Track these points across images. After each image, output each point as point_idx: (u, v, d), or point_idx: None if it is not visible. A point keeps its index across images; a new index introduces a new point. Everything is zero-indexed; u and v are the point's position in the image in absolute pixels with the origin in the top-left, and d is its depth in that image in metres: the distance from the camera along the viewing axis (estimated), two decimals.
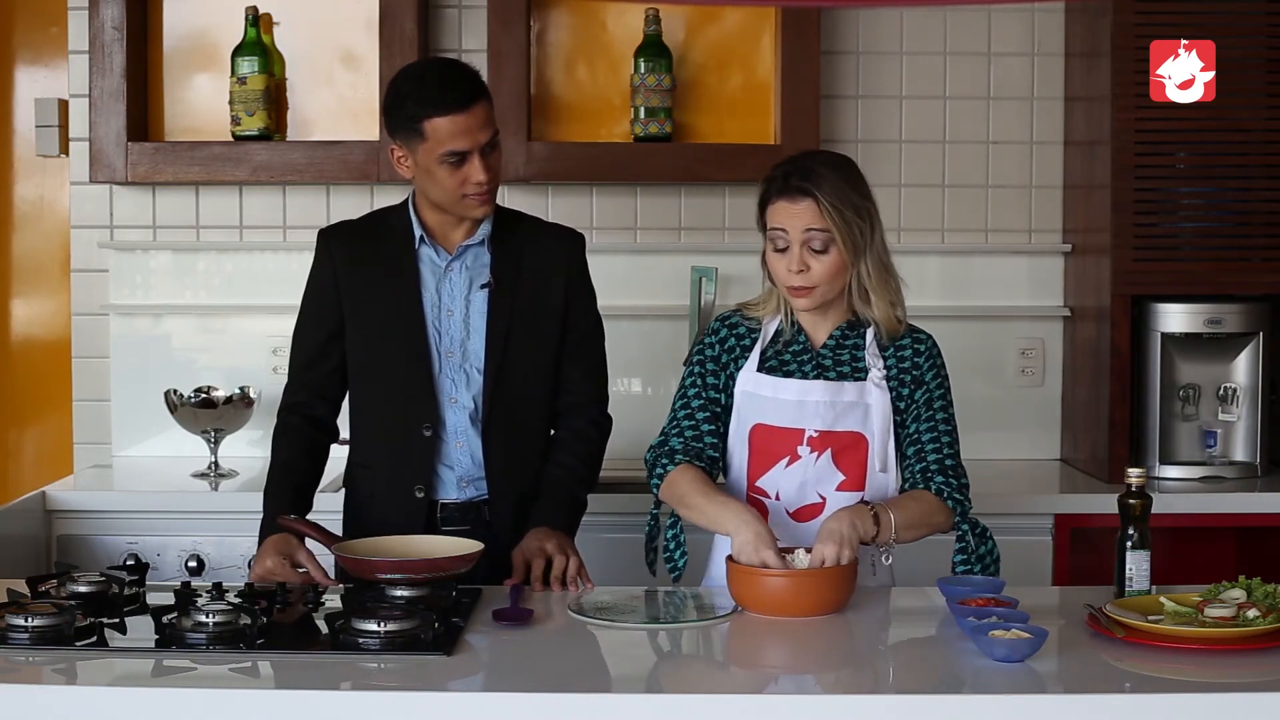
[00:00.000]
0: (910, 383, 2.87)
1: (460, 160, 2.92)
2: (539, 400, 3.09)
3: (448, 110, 2.90)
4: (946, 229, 4.32)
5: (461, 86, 2.95)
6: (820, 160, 2.87)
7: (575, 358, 3.10)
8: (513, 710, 2.20)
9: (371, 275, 3.05)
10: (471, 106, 2.92)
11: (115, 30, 4.06)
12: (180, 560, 3.67)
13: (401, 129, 2.96)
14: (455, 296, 3.04)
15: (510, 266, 3.05)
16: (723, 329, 2.95)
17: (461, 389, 3.02)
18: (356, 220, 3.19)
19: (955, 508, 2.82)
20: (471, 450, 3.02)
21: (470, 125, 2.92)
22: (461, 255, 3.04)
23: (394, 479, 3.03)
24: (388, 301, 3.03)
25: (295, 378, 3.12)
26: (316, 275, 3.11)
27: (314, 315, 3.10)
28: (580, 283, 3.13)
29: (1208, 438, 4.02)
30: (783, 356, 2.89)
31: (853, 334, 2.89)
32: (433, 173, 2.94)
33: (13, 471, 4.56)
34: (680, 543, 2.90)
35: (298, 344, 3.13)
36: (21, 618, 2.41)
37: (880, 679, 2.43)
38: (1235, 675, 2.30)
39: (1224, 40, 3.70)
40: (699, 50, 4.27)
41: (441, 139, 2.91)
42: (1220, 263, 3.95)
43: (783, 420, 2.85)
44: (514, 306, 3.03)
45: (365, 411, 3.10)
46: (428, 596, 2.61)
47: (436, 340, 3.03)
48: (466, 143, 2.92)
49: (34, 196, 4.51)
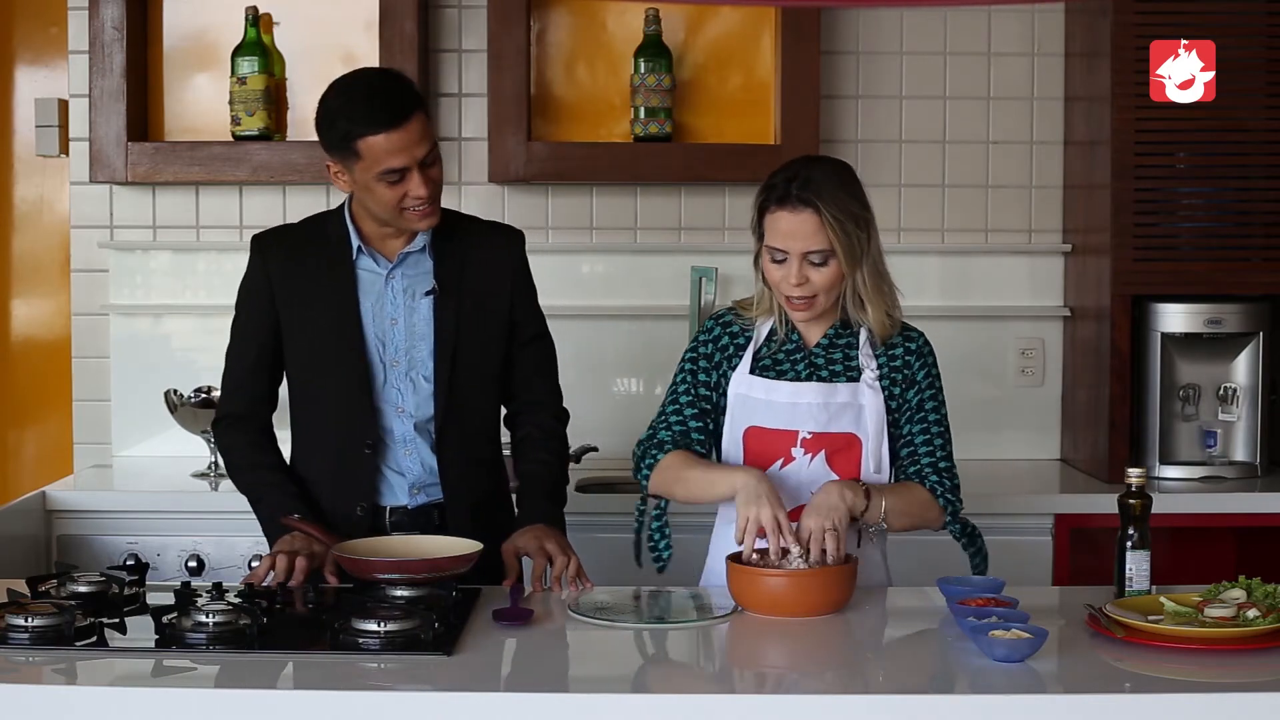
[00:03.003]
0: (902, 382, 2.87)
1: (400, 177, 2.84)
2: (490, 403, 3.07)
3: (381, 128, 2.80)
4: (946, 229, 4.32)
5: (394, 101, 2.83)
6: (821, 169, 2.85)
7: (528, 357, 3.07)
8: (513, 710, 2.20)
9: (308, 284, 2.98)
10: (406, 122, 2.81)
11: (115, 30, 4.06)
12: (180, 560, 3.67)
13: (335, 147, 2.86)
14: (398, 305, 2.97)
15: (453, 271, 2.99)
16: (716, 327, 2.94)
17: (408, 397, 2.97)
18: (293, 225, 3.12)
19: (947, 507, 2.84)
20: (422, 457, 2.99)
21: (406, 141, 2.82)
22: (402, 263, 2.97)
23: (336, 495, 2.97)
24: (325, 313, 2.96)
25: (235, 388, 3.05)
26: (250, 282, 3.03)
27: (250, 323, 3.02)
28: (524, 281, 3.08)
29: (1208, 438, 4.02)
30: (776, 356, 2.89)
31: (846, 333, 2.88)
32: (371, 189, 2.86)
33: (13, 471, 4.56)
34: (665, 534, 2.89)
35: (234, 355, 3.05)
36: (21, 618, 2.41)
37: (880, 679, 2.42)
38: (1235, 675, 2.30)
39: (1224, 40, 3.69)
40: (699, 50, 4.27)
41: (378, 157, 2.82)
42: (1220, 263, 3.95)
43: (776, 422, 2.85)
44: (460, 312, 2.98)
45: (306, 426, 3.04)
46: (428, 596, 2.61)
47: (380, 350, 2.97)
48: (404, 159, 2.82)
49: (34, 196, 4.51)
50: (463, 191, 4.21)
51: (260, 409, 3.05)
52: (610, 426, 4.13)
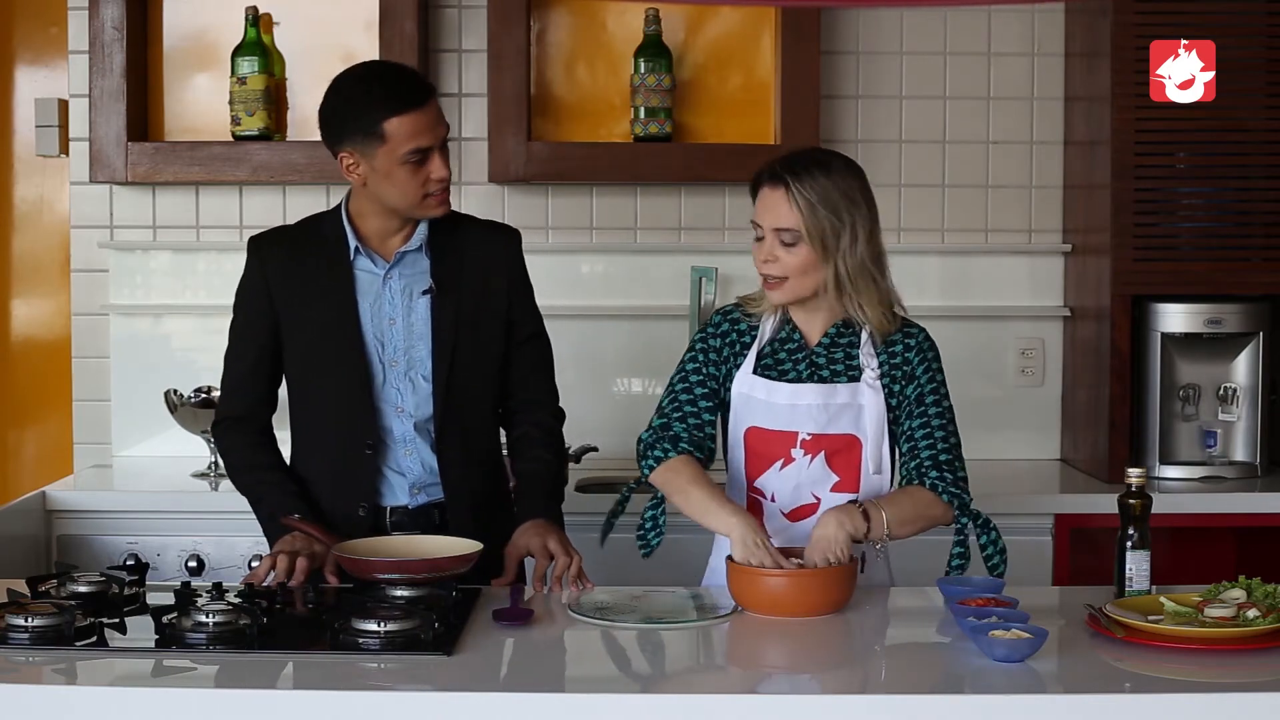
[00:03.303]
0: (901, 379, 2.85)
1: (422, 158, 2.88)
2: (488, 402, 3.07)
3: (407, 107, 2.86)
4: (946, 229, 4.32)
5: (414, 83, 2.92)
6: (813, 157, 2.85)
7: (525, 356, 3.07)
8: (513, 710, 2.20)
9: (306, 285, 2.98)
10: (428, 102, 2.90)
11: (115, 30, 4.06)
12: (180, 560, 3.67)
13: (354, 134, 2.88)
14: (396, 304, 2.97)
15: (451, 270, 2.99)
16: (724, 322, 2.94)
17: (408, 397, 2.98)
18: (290, 226, 3.13)
19: (952, 501, 2.79)
20: (422, 457, 2.99)
21: (430, 121, 2.88)
22: (399, 262, 2.98)
23: (337, 496, 2.98)
24: (324, 313, 2.97)
25: (234, 390, 3.06)
26: (248, 284, 3.03)
27: (249, 325, 3.02)
28: (521, 280, 3.09)
29: (1208, 438, 4.02)
30: (778, 355, 2.89)
31: (848, 332, 2.88)
32: (392, 175, 2.88)
33: (13, 471, 4.56)
34: (658, 524, 2.86)
35: (233, 357, 3.05)
36: (21, 618, 2.41)
37: (880, 679, 2.43)
38: (1235, 675, 2.30)
39: (1224, 40, 3.70)
40: (699, 50, 4.27)
41: (403, 138, 2.85)
42: (1220, 263, 3.95)
43: (775, 423, 2.84)
44: (458, 311, 2.98)
45: (305, 427, 3.04)
46: (428, 596, 2.61)
47: (379, 350, 2.97)
48: (429, 139, 2.88)
49: (34, 196, 4.51)
50: (463, 191, 4.21)
51: (260, 410, 3.05)
52: (610, 426, 4.13)
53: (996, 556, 2.84)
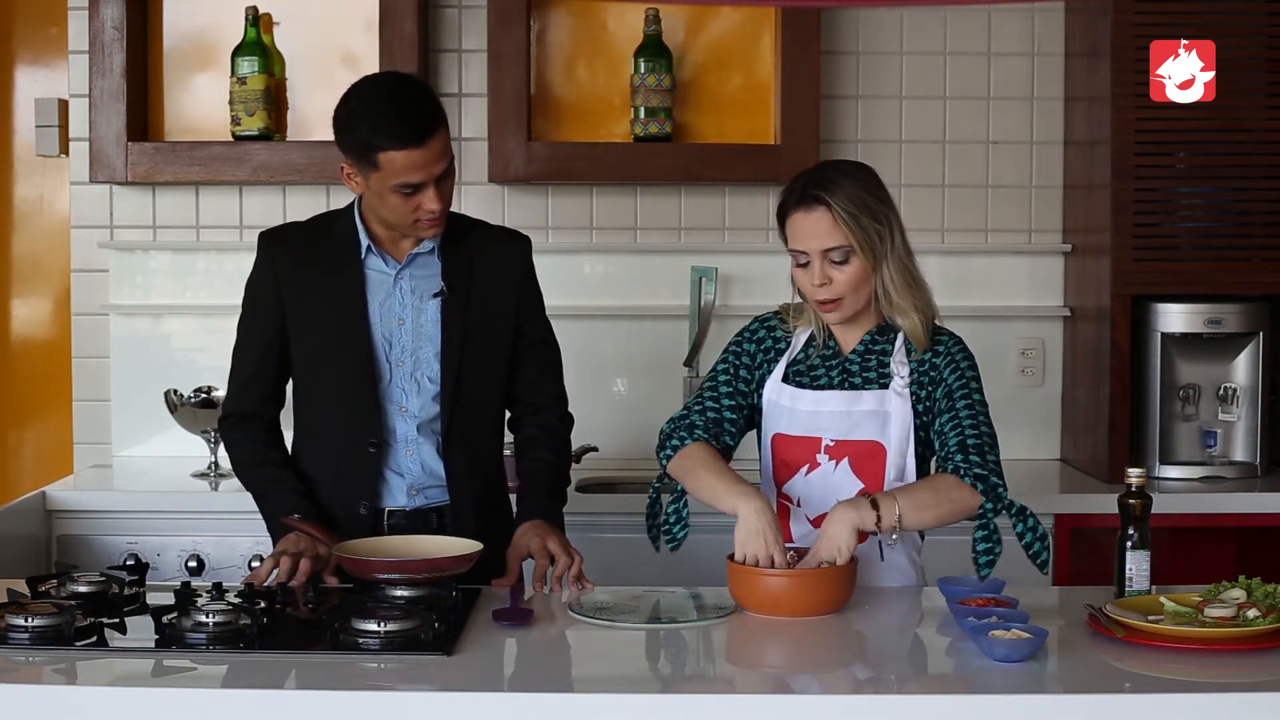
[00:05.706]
0: (929, 384, 2.84)
1: (414, 190, 2.84)
2: (495, 406, 3.07)
3: (403, 144, 2.78)
4: (946, 229, 4.32)
5: (419, 119, 2.81)
6: (835, 168, 2.87)
7: (534, 360, 3.07)
8: (513, 710, 2.20)
9: (316, 282, 2.98)
10: (428, 140, 2.80)
11: (115, 30, 4.06)
12: (180, 560, 3.67)
13: (354, 152, 2.85)
14: (406, 305, 2.97)
15: (461, 274, 2.99)
16: (760, 329, 2.94)
17: (411, 398, 2.97)
18: (301, 223, 3.12)
19: (976, 484, 2.73)
20: (422, 458, 2.98)
21: (426, 159, 2.81)
22: (411, 263, 2.97)
23: (338, 493, 2.97)
24: (333, 311, 2.97)
25: (242, 386, 3.04)
26: (257, 279, 3.03)
27: (258, 321, 3.02)
28: (530, 286, 3.09)
29: (1208, 438, 4.02)
30: (811, 363, 2.88)
31: (882, 339, 2.87)
32: (384, 198, 2.86)
33: (13, 471, 4.56)
34: (682, 517, 2.85)
35: (241, 352, 3.04)
36: (21, 618, 2.41)
37: (880, 679, 2.42)
38: (1235, 675, 2.30)
39: (1224, 40, 3.70)
40: (699, 50, 4.27)
41: (397, 172, 2.81)
42: (1220, 263, 3.95)
43: (800, 430, 2.84)
44: (468, 314, 2.98)
45: (310, 423, 3.04)
46: (428, 596, 2.61)
47: (386, 350, 2.97)
48: (421, 176, 2.82)
49: (34, 196, 4.52)
50: (463, 192, 4.21)
51: (267, 406, 3.05)
52: (610, 426, 4.14)
53: (1038, 544, 2.75)
